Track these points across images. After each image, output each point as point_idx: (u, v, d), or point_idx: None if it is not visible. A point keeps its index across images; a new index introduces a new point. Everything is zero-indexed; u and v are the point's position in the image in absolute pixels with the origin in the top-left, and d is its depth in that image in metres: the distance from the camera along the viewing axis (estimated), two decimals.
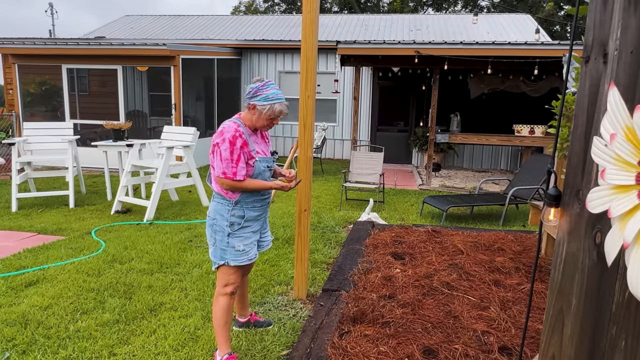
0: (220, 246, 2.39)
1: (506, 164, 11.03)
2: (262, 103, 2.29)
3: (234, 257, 2.38)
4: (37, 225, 5.14)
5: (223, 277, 2.42)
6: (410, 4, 26.79)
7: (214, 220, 2.39)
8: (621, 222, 0.94)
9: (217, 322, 2.42)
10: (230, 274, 2.41)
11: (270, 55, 11.90)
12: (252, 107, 2.32)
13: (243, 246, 2.40)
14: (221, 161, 2.25)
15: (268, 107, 2.29)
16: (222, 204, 2.38)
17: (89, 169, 9.09)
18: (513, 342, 2.62)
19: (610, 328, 1.03)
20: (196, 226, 5.24)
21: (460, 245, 4.35)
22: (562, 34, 23.65)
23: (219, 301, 2.42)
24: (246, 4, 30.65)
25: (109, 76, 9.28)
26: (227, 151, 2.24)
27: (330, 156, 11.86)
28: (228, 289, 2.42)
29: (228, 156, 2.24)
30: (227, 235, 2.37)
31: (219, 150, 2.25)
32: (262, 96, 2.29)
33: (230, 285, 2.42)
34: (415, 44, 7.98)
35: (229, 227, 2.37)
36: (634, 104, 0.94)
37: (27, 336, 2.72)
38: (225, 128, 2.29)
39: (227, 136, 2.25)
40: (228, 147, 2.24)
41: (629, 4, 1.02)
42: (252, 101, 2.30)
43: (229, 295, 2.42)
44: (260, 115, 2.32)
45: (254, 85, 2.31)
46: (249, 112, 2.35)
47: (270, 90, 2.31)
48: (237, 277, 2.44)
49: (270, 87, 2.32)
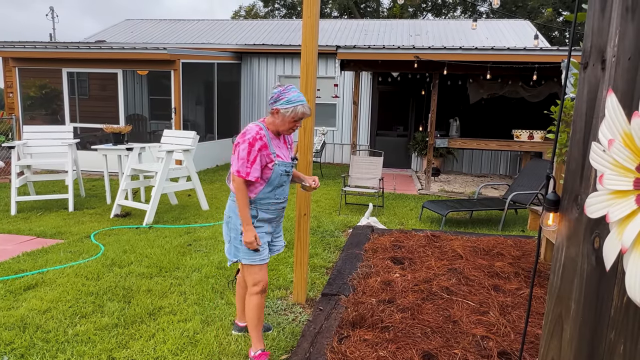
0: (234, 243, 2.47)
1: (505, 169, 11.05)
2: (285, 106, 2.35)
3: (246, 256, 2.44)
4: (36, 229, 5.13)
5: (250, 276, 2.48)
6: (410, 10, 26.91)
7: (229, 218, 2.47)
8: (619, 227, 0.94)
9: (251, 321, 2.49)
10: (255, 272, 2.46)
11: (270, 60, 11.93)
12: (275, 112, 2.38)
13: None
14: (238, 159, 2.33)
15: (291, 110, 2.36)
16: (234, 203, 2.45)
17: (89, 173, 9.09)
18: (512, 347, 2.62)
19: (609, 333, 1.04)
20: (195, 230, 5.24)
21: (459, 250, 4.35)
22: (561, 40, 23.76)
23: (251, 301, 2.48)
24: (246, 9, 30.77)
25: (109, 80, 9.30)
26: (244, 151, 2.32)
27: (329, 160, 11.87)
28: (257, 287, 2.47)
29: (245, 156, 2.32)
30: (240, 234, 2.43)
31: (238, 150, 2.34)
32: (285, 100, 2.35)
33: (260, 284, 2.47)
34: (415, 49, 8.01)
35: (242, 226, 2.41)
36: (632, 110, 0.95)
37: (26, 340, 2.71)
38: (248, 130, 2.37)
39: (248, 137, 2.33)
40: (246, 148, 2.32)
41: (626, 11, 1.03)
42: (275, 106, 2.37)
43: (259, 294, 2.48)
44: (284, 118, 2.38)
45: (275, 90, 2.38)
46: (273, 117, 2.42)
47: (292, 94, 2.37)
48: (264, 275, 2.49)
49: (292, 90, 2.38)
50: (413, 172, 10.70)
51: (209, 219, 5.81)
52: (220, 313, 3.12)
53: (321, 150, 9.81)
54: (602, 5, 1.14)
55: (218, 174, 9.49)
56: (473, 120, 10.61)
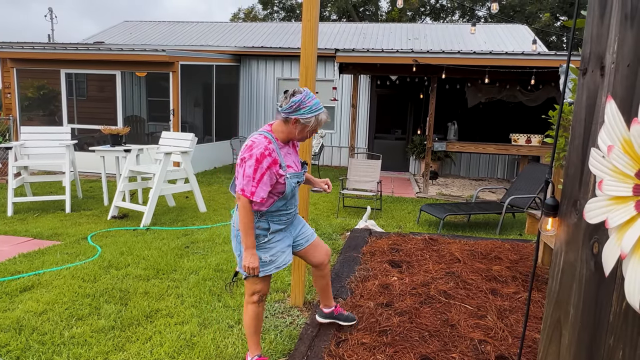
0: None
1: (503, 173, 11.07)
2: (307, 116, 2.18)
3: (260, 268, 2.32)
4: (32, 230, 5.11)
5: (249, 287, 2.39)
6: (409, 13, 27.01)
7: (238, 232, 2.32)
8: (619, 232, 0.95)
9: (248, 329, 2.44)
10: (256, 284, 2.37)
11: (269, 62, 11.95)
12: (293, 121, 2.19)
13: (269, 257, 2.34)
14: (243, 177, 2.15)
15: (313, 120, 2.20)
16: None
17: (86, 174, 9.06)
18: (510, 351, 2.62)
19: (607, 338, 1.04)
20: (193, 232, 5.23)
21: (457, 253, 4.35)
22: (558, 45, 23.88)
23: (248, 310, 2.42)
24: (245, 11, 30.83)
25: (108, 81, 9.29)
26: (251, 168, 2.13)
27: (327, 163, 11.87)
28: (255, 297, 2.39)
29: (251, 173, 2.13)
30: None
31: (244, 166, 2.15)
32: (306, 109, 2.17)
33: (257, 294, 2.39)
34: (413, 52, 8.04)
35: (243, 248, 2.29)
36: (631, 117, 0.96)
37: (21, 342, 2.69)
38: (255, 143, 2.17)
39: (255, 152, 2.13)
40: (253, 165, 2.12)
41: (625, 18, 1.03)
42: (295, 115, 2.17)
43: (256, 304, 2.40)
44: (304, 128, 2.22)
45: (295, 99, 2.17)
46: (286, 125, 2.22)
47: (313, 101, 2.20)
48: (264, 286, 2.39)
49: (311, 97, 2.21)
50: (411, 176, 10.71)
51: (207, 221, 5.80)
52: (217, 316, 3.11)
53: (319, 153, 9.81)
54: (601, 12, 1.15)
55: (216, 176, 9.48)
56: (471, 124, 10.64)
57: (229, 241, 4.89)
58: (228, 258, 4.29)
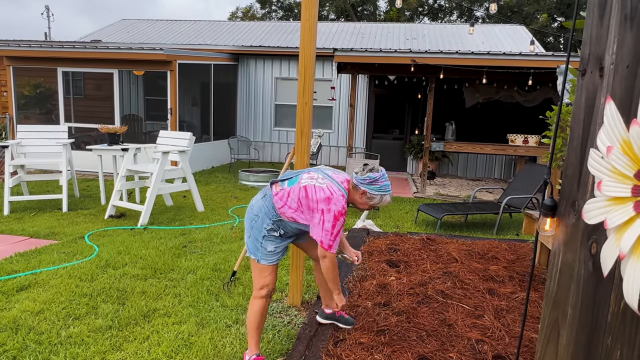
0: (254, 242, 2.45)
1: (500, 173, 11.10)
2: (375, 193, 2.37)
3: (264, 257, 2.44)
4: (29, 229, 5.09)
5: (259, 279, 2.46)
6: (407, 13, 27.03)
7: (256, 217, 2.44)
8: (617, 233, 0.95)
9: (251, 324, 2.47)
10: (265, 276, 2.45)
11: (267, 62, 11.94)
12: (362, 192, 2.39)
13: (274, 247, 2.46)
14: (322, 229, 2.32)
15: (378, 198, 2.39)
16: (269, 212, 2.42)
17: (83, 173, 9.03)
18: (507, 351, 2.62)
19: (605, 338, 1.04)
20: (191, 231, 5.22)
21: (454, 253, 4.36)
22: (556, 46, 23.95)
23: (254, 304, 2.47)
24: (243, 10, 30.77)
25: (105, 80, 9.25)
26: (329, 223, 2.31)
27: (325, 163, 11.87)
28: (263, 291, 2.46)
29: (329, 228, 2.31)
30: (262, 237, 2.43)
31: (323, 218, 2.31)
32: (377, 187, 2.37)
33: (265, 288, 2.46)
34: (412, 52, 8.04)
35: (265, 231, 2.42)
36: (630, 118, 0.96)
37: (18, 342, 2.68)
38: (334, 198, 2.32)
39: (334, 209, 2.30)
40: (331, 220, 2.30)
41: (625, 19, 1.04)
42: (365, 187, 2.36)
43: (264, 299, 2.47)
44: (367, 201, 2.41)
45: (371, 175, 2.36)
46: (356, 192, 2.41)
47: (385, 182, 2.40)
48: (273, 279, 2.48)
49: (385, 179, 2.41)
50: (409, 175, 10.73)
51: (205, 220, 5.79)
52: (215, 315, 3.11)
53: (317, 152, 9.81)
54: (600, 13, 1.15)
55: (214, 175, 9.47)
56: (469, 124, 10.66)
57: (226, 241, 4.88)
58: (226, 258, 4.29)
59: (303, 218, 2.39)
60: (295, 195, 2.36)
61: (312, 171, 2.46)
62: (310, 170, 2.47)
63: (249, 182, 8.50)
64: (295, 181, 2.41)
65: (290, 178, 2.45)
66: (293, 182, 2.42)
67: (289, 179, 2.45)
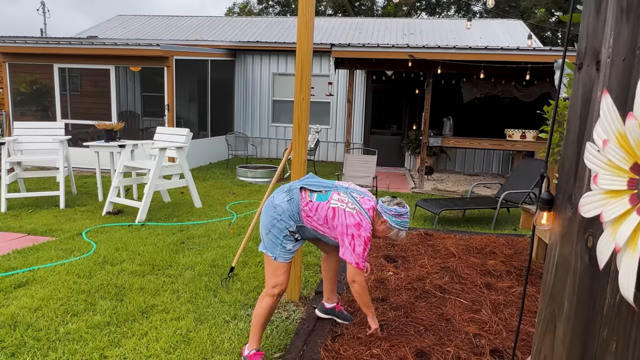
0: (272, 239, 2.48)
1: (498, 168, 11.12)
2: (394, 225, 2.51)
3: (282, 254, 2.48)
4: (26, 226, 5.08)
5: (272, 277, 2.49)
6: (404, 8, 26.95)
7: (279, 217, 2.48)
8: (613, 226, 0.95)
9: (257, 319, 2.49)
10: (279, 274, 2.49)
11: (265, 57, 11.89)
12: (383, 221, 2.52)
13: (292, 246, 2.52)
14: (353, 252, 2.44)
15: (396, 231, 2.53)
16: (293, 215, 2.48)
17: (80, 170, 9.00)
18: (504, 345, 2.64)
19: (601, 331, 1.05)
20: (188, 228, 5.22)
21: (452, 248, 4.37)
22: (553, 40, 23.93)
23: (264, 301, 2.49)
24: (240, 5, 30.63)
25: (102, 76, 9.20)
26: (360, 247, 2.44)
27: (323, 158, 11.87)
28: (276, 290, 2.49)
29: (361, 252, 2.45)
30: (282, 237, 2.48)
31: (354, 243, 2.43)
32: (398, 221, 2.51)
33: (278, 287, 2.49)
34: (409, 47, 8.02)
35: (287, 231, 2.48)
36: (626, 111, 0.96)
37: (16, 338, 2.68)
38: (364, 225, 2.44)
39: (364, 235, 2.45)
40: (362, 244, 2.44)
41: (621, 12, 1.04)
42: (388, 218, 2.50)
43: (275, 297, 2.50)
44: (385, 231, 2.54)
45: (397, 209, 2.51)
46: (378, 218, 2.54)
47: (406, 219, 2.55)
48: (286, 279, 2.51)
49: (407, 216, 2.56)
50: (406, 171, 10.73)
51: (202, 216, 5.79)
52: (213, 311, 3.11)
53: (315, 148, 9.80)
54: (597, 7, 1.15)
55: (211, 171, 9.45)
56: (466, 120, 10.66)
57: (224, 237, 4.88)
58: (224, 254, 4.29)
59: (325, 232, 2.52)
60: (323, 213, 2.46)
61: (341, 192, 2.52)
62: (339, 190, 2.53)
63: (246, 178, 8.49)
64: (324, 198, 2.48)
65: (319, 192, 2.52)
66: (322, 198, 2.49)
67: (318, 192, 2.52)
